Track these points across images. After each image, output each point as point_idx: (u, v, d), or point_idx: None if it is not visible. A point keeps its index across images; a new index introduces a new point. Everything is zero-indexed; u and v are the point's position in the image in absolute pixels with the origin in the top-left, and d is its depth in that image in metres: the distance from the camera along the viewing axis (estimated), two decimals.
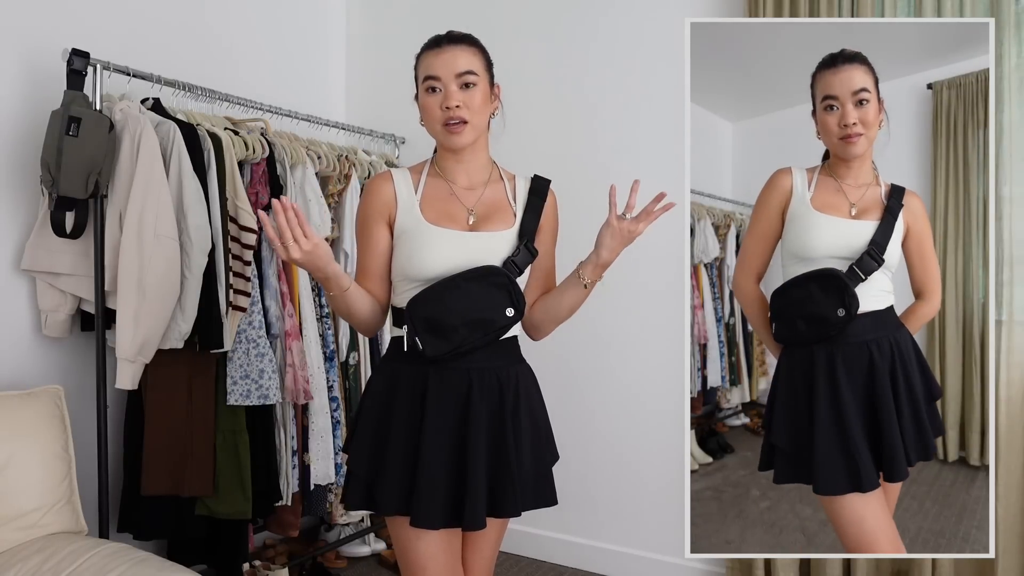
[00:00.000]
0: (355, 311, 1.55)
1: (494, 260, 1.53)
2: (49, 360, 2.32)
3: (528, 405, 1.58)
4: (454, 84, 1.51)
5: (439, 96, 1.52)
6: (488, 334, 1.50)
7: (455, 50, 1.52)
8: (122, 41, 2.46)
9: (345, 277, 1.50)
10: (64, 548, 1.76)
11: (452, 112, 1.51)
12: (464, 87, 1.52)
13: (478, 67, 1.54)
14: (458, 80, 1.51)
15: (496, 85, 1.60)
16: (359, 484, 1.55)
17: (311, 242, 1.38)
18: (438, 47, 1.53)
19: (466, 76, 1.51)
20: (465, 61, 1.52)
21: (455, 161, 1.59)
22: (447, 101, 1.51)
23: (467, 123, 1.52)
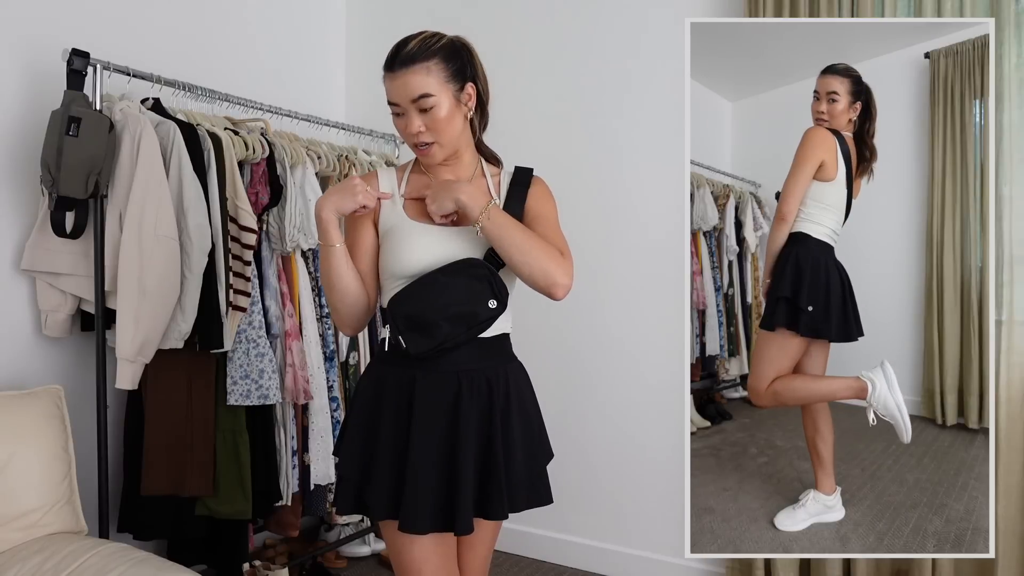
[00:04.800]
0: (338, 277, 1.52)
1: (475, 253, 1.52)
2: (49, 360, 2.32)
3: (519, 405, 1.57)
4: (412, 110, 1.49)
5: (403, 120, 1.52)
6: (472, 328, 1.49)
7: (406, 75, 1.48)
8: (122, 41, 2.46)
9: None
10: (64, 548, 1.76)
11: (416, 138, 1.51)
12: (422, 110, 1.49)
13: (434, 86, 1.48)
14: (415, 104, 1.49)
15: (468, 85, 1.55)
16: (350, 488, 1.55)
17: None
18: (391, 71, 1.50)
19: (420, 101, 1.48)
20: (417, 84, 1.47)
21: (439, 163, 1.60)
22: (408, 128, 1.51)
23: (434, 143, 1.52)
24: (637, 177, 2.82)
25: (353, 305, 1.56)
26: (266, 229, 2.49)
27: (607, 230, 2.85)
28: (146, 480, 2.26)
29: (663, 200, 2.76)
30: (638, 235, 2.83)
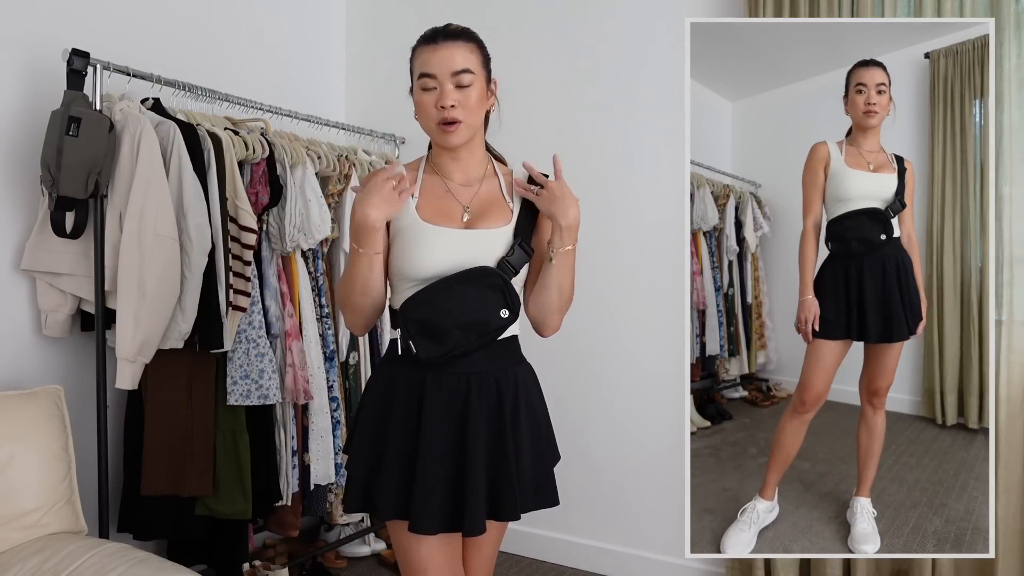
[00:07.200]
0: (374, 281, 1.51)
1: (490, 258, 1.51)
2: (49, 360, 2.32)
3: (528, 407, 1.57)
4: (449, 83, 1.48)
5: (434, 94, 1.49)
6: (483, 336, 1.48)
7: (451, 47, 1.48)
8: (122, 41, 2.46)
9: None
10: (64, 548, 1.76)
11: (447, 112, 1.48)
12: (460, 86, 1.48)
13: (475, 65, 1.50)
14: (454, 79, 1.47)
15: (493, 81, 1.57)
16: (358, 487, 1.55)
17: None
18: (434, 43, 1.49)
19: (462, 75, 1.48)
20: (462, 59, 1.48)
21: (450, 158, 1.57)
22: (442, 100, 1.48)
23: (462, 123, 1.49)
24: (637, 177, 2.82)
25: (377, 307, 1.56)
26: (266, 229, 2.49)
27: (607, 230, 2.85)
28: (146, 480, 2.26)
29: (663, 200, 2.76)
30: (638, 235, 2.83)
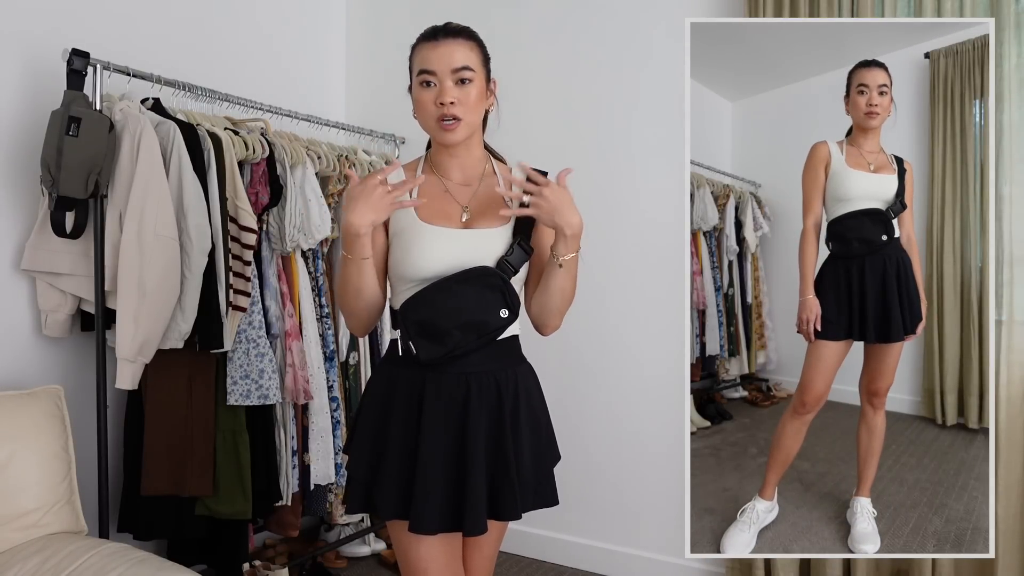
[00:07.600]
0: (365, 286, 1.50)
1: (489, 257, 1.51)
2: (49, 360, 2.32)
3: (528, 407, 1.57)
4: (449, 80, 1.47)
5: (433, 91, 1.48)
6: (482, 336, 1.48)
7: (452, 44, 1.48)
8: (122, 41, 2.46)
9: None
10: (64, 548, 1.76)
11: (446, 109, 1.47)
12: (459, 83, 1.48)
13: (475, 62, 1.50)
14: (454, 76, 1.47)
15: (493, 80, 1.57)
16: (358, 488, 1.55)
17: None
18: (434, 40, 1.49)
19: (462, 72, 1.48)
20: (462, 56, 1.48)
21: (449, 156, 1.57)
22: (442, 97, 1.47)
23: (461, 120, 1.49)
24: (637, 177, 2.82)
25: (374, 310, 1.56)
26: (266, 229, 2.49)
27: (607, 230, 2.85)
28: (146, 480, 2.26)
29: (663, 200, 2.76)
30: (638, 235, 2.83)
